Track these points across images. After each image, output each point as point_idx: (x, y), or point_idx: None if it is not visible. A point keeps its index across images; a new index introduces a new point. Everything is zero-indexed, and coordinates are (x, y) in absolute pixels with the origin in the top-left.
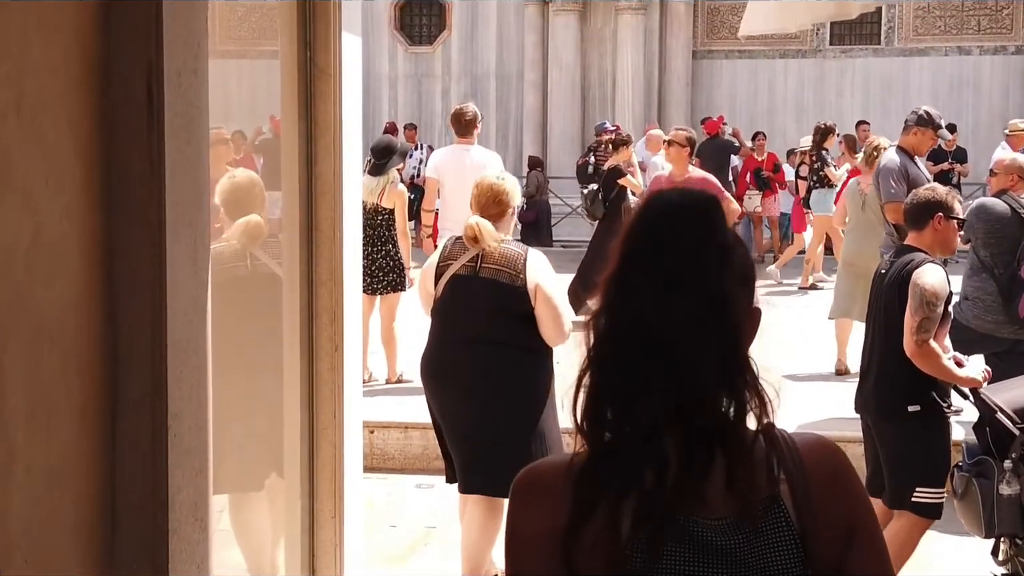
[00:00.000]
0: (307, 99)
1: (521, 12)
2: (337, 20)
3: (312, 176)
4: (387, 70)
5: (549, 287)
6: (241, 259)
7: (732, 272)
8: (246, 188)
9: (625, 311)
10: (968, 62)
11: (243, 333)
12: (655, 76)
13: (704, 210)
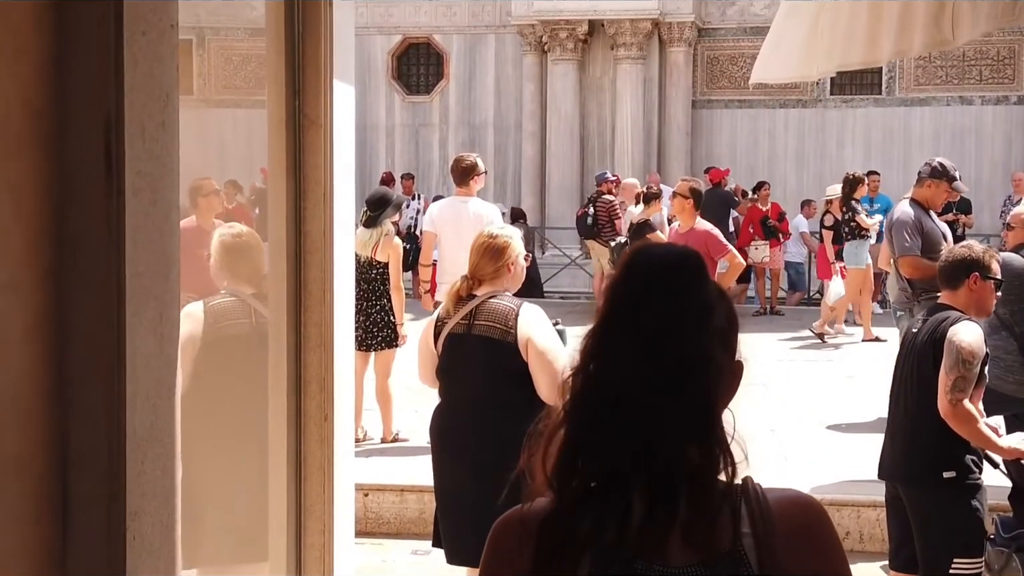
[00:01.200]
0: (296, 151)
1: (519, 62)
2: (328, 68)
3: (301, 234)
4: (384, 120)
5: (542, 341)
6: (245, 315)
7: (711, 331)
8: (248, 241)
9: (600, 369)
10: (970, 112)
11: (228, 400)
12: (654, 125)
13: (685, 268)
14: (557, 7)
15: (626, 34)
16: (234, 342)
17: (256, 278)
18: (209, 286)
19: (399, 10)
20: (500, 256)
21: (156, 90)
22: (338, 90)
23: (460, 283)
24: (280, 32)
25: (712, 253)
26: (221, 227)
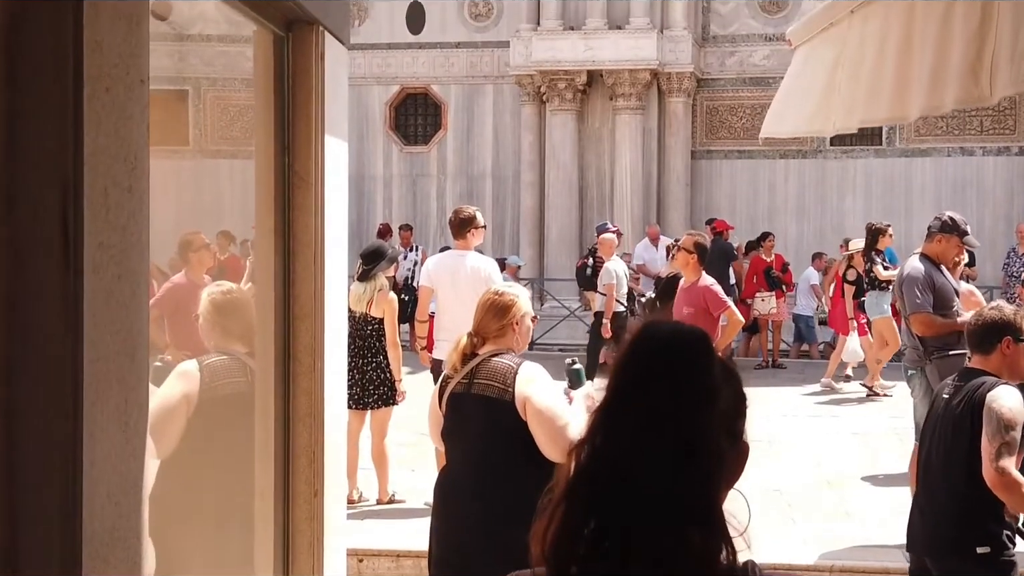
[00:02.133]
0: (285, 211)
1: (518, 112)
2: (320, 122)
3: (290, 297)
4: (382, 170)
5: (541, 400)
6: (242, 373)
7: (715, 414)
8: (238, 298)
9: (604, 446)
10: (971, 163)
11: (219, 467)
12: (653, 176)
13: (691, 349)
14: (556, 57)
15: (625, 84)
16: (233, 401)
17: (248, 336)
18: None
19: (396, 60)
20: (505, 314)
21: (122, 152)
22: (330, 146)
23: (465, 341)
24: (268, 84)
25: (712, 309)
26: (210, 286)
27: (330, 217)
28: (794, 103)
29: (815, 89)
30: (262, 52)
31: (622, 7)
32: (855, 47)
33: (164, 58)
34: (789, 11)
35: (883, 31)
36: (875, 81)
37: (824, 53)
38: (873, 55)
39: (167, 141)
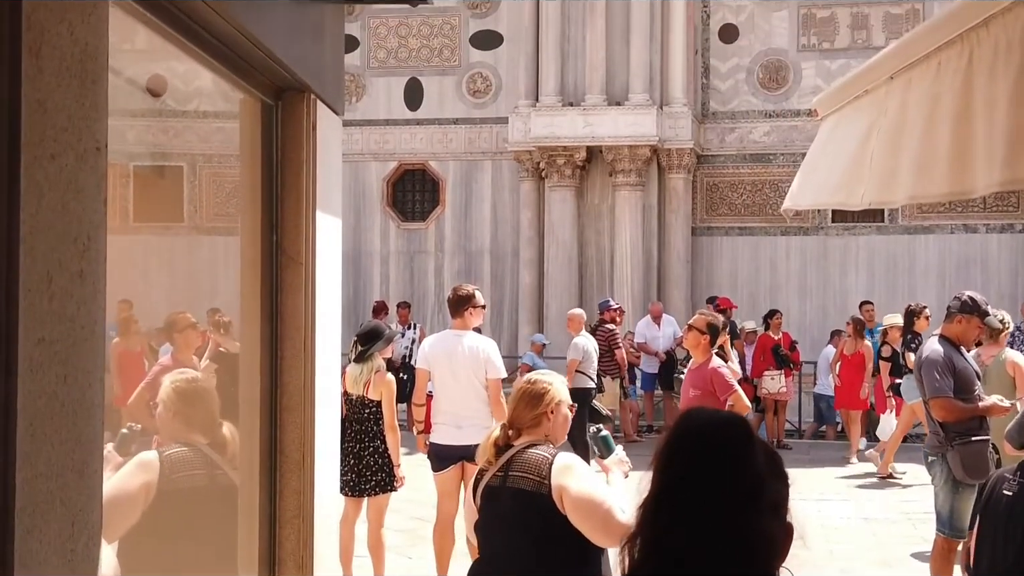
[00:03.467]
0: (273, 292)
1: (516, 188)
2: (311, 196)
3: (277, 387)
4: (379, 247)
5: (579, 489)
6: (203, 466)
7: (764, 507)
8: (203, 386)
9: (656, 546)
10: (975, 240)
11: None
12: (654, 252)
13: (733, 444)
14: (555, 133)
15: (625, 160)
16: (192, 496)
17: (210, 427)
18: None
19: (394, 136)
20: (538, 403)
21: (71, 230)
22: (322, 222)
23: (498, 432)
24: (255, 156)
25: (718, 392)
26: (173, 372)
27: (322, 298)
28: (819, 175)
29: (843, 160)
30: (249, 122)
31: (621, 83)
32: (895, 115)
33: (159, 134)
34: (789, 88)
35: (933, 96)
36: (926, 152)
37: (856, 122)
38: (922, 123)
39: (161, 218)
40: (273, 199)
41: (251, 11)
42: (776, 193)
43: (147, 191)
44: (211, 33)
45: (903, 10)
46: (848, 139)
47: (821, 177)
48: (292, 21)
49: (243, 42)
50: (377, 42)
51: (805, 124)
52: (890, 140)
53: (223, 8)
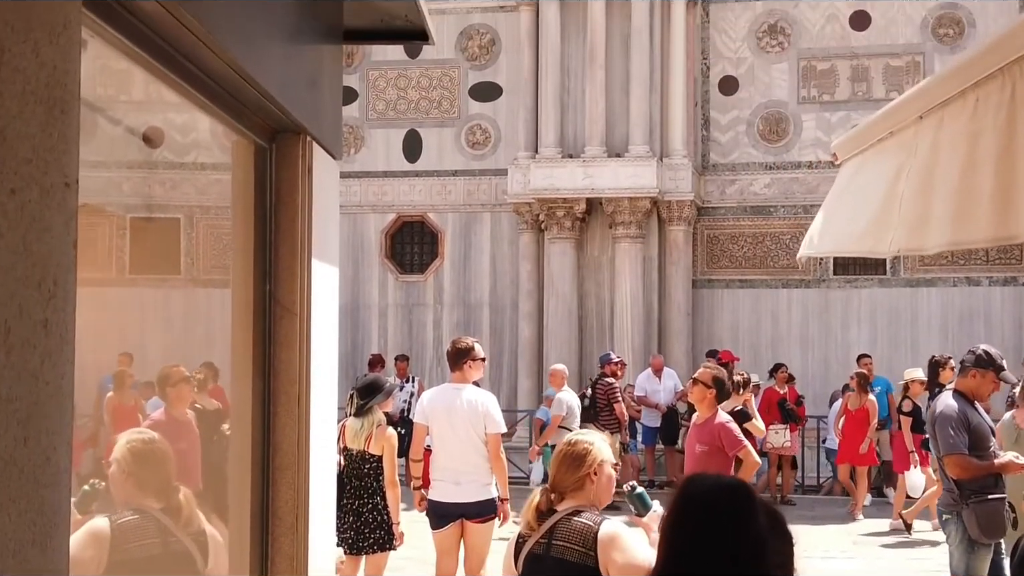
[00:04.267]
0: (265, 345)
1: (516, 240)
2: (306, 243)
3: (269, 446)
4: (377, 299)
5: (625, 561)
6: (157, 534)
7: (768, 562)
8: (160, 448)
9: None
10: (978, 293)
11: None
12: (654, 305)
13: (736, 510)
14: (554, 185)
15: (625, 212)
16: (145, 567)
17: (165, 492)
18: (185, 480)
19: (393, 188)
20: (580, 465)
21: (35, 274)
22: (318, 271)
23: (540, 496)
24: (248, 202)
25: (727, 448)
26: (130, 431)
27: (318, 351)
28: (839, 220)
29: (868, 205)
30: (241, 165)
31: (621, 135)
32: (926, 155)
33: (156, 186)
34: (789, 140)
35: (972, 134)
36: (965, 195)
37: (881, 165)
38: (959, 163)
39: (158, 270)
40: (267, 246)
41: (245, 48)
42: (777, 245)
43: (155, 244)
44: (202, 69)
45: (903, 62)
46: (873, 183)
47: (843, 223)
48: (288, 60)
49: (236, 80)
50: (376, 94)
51: (806, 176)
52: (921, 182)
53: (215, 43)
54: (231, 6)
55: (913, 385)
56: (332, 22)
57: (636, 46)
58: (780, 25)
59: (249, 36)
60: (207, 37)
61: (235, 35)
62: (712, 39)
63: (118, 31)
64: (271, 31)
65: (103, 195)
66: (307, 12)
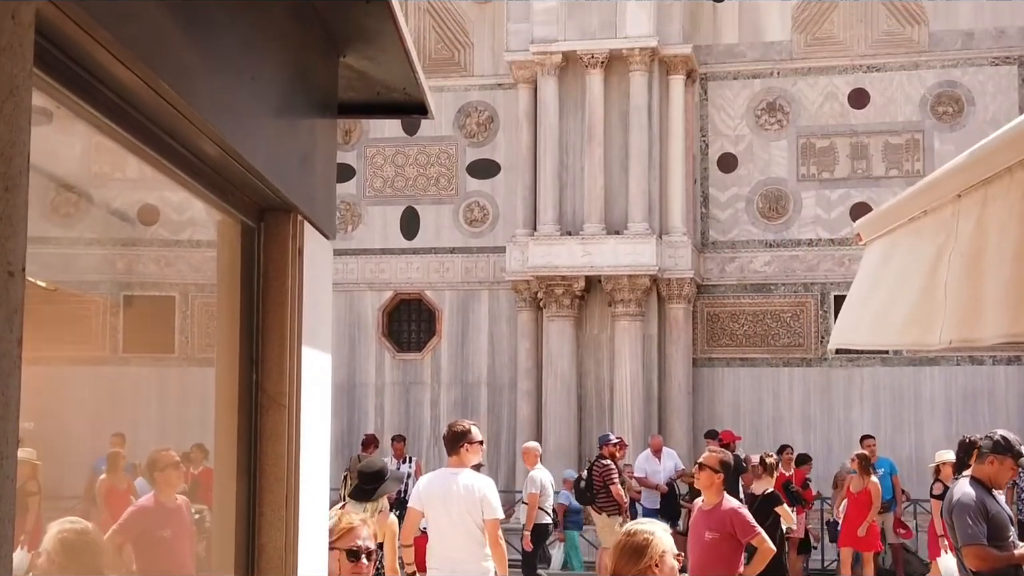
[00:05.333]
0: (251, 439)
1: (514, 318)
2: (296, 329)
3: (254, 550)
4: (374, 378)
5: None
6: None
7: None
8: (93, 540)
9: None
10: (981, 372)
11: None
12: (654, 384)
13: None
14: (553, 263)
15: (624, 290)
16: None
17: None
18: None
19: (390, 266)
20: (641, 556)
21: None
22: (309, 358)
23: None
24: (234, 284)
25: (740, 535)
26: (62, 520)
27: (308, 446)
28: (875, 308)
29: (908, 292)
30: (227, 246)
31: (620, 212)
32: (970, 237)
33: (150, 264)
34: (789, 217)
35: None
36: (1019, 281)
37: (917, 248)
38: (1011, 246)
39: (152, 349)
40: (253, 332)
41: (229, 121)
42: (778, 323)
43: (149, 323)
44: (182, 143)
45: (903, 140)
46: (910, 268)
47: (880, 312)
48: (277, 134)
49: (220, 155)
50: (374, 171)
51: (806, 254)
52: (968, 267)
53: (197, 117)
54: (214, 76)
55: (944, 467)
56: (326, 95)
57: (635, 123)
58: (779, 103)
59: (234, 109)
60: (189, 111)
61: (218, 107)
62: (711, 116)
63: (85, 100)
64: (258, 104)
65: (80, 274)
66: (298, 84)
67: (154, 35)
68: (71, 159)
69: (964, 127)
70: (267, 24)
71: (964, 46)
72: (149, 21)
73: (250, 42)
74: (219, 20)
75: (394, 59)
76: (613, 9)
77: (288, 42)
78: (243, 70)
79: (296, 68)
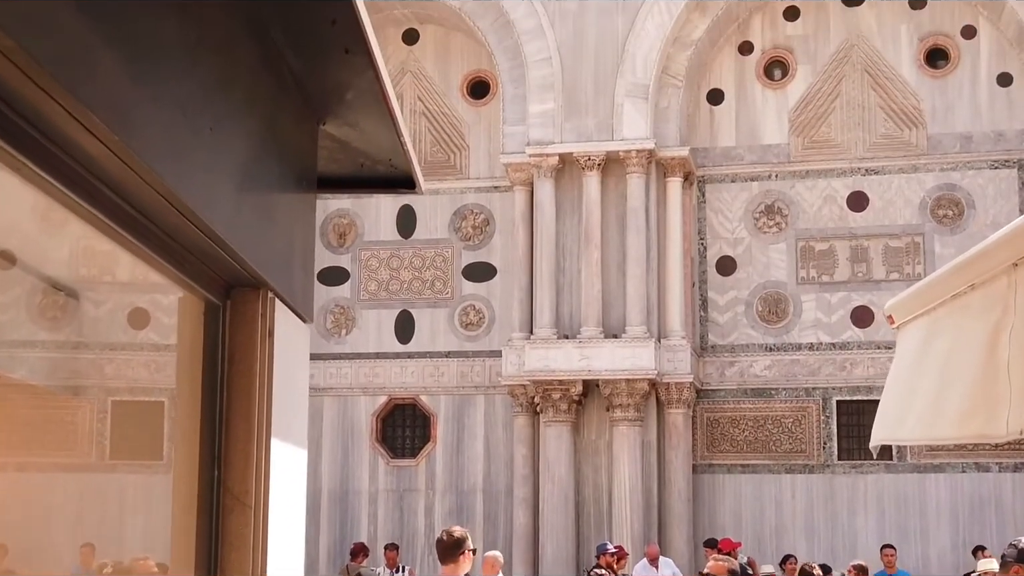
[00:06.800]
0: (211, 543)
1: (510, 423)
2: (264, 419)
3: None
4: (367, 485)
5: None
6: None
7: None
8: None
9: None
10: (987, 480)
11: None
12: (654, 491)
13: None
14: (550, 367)
15: (622, 395)
16: None
17: None
18: None
19: (384, 370)
20: None
21: None
22: (279, 456)
23: None
24: (194, 369)
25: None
26: None
27: (277, 552)
28: (923, 398)
29: (961, 376)
30: (189, 326)
31: (618, 315)
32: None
33: (140, 369)
34: (789, 321)
35: None
36: None
37: (966, 326)
38: None
39: (141, 455)
40: (216, 424)
41: (181, 173)
42: (779, 429)
43: (137, 428)
44: (138, 209)
45: (903, 243)
46: (962, 349)
47: (929, 402)
48: (246, 203)
49: (182, 223)
50: (368, 274)
51: (807, 358)
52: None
53: (156, 180)
54: (173, 137)
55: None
56: (303, 165)
57: (632, 226)
58: (777, 205)
59: (185, 158)
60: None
61: (165, 154)
62: (709, 219)
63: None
64: (218, 160)
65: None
66: (270, 147)
67: (75, 51)
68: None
69: (964, 230)
70: (231, 72)
71: (963, 149)
72: (65, 32)
73: (207, 87)
74: (168, 58)
75: (378, 124)
76: (610, 111)
77: (256, 93)
78: (199, 118)
79: (267, 127)
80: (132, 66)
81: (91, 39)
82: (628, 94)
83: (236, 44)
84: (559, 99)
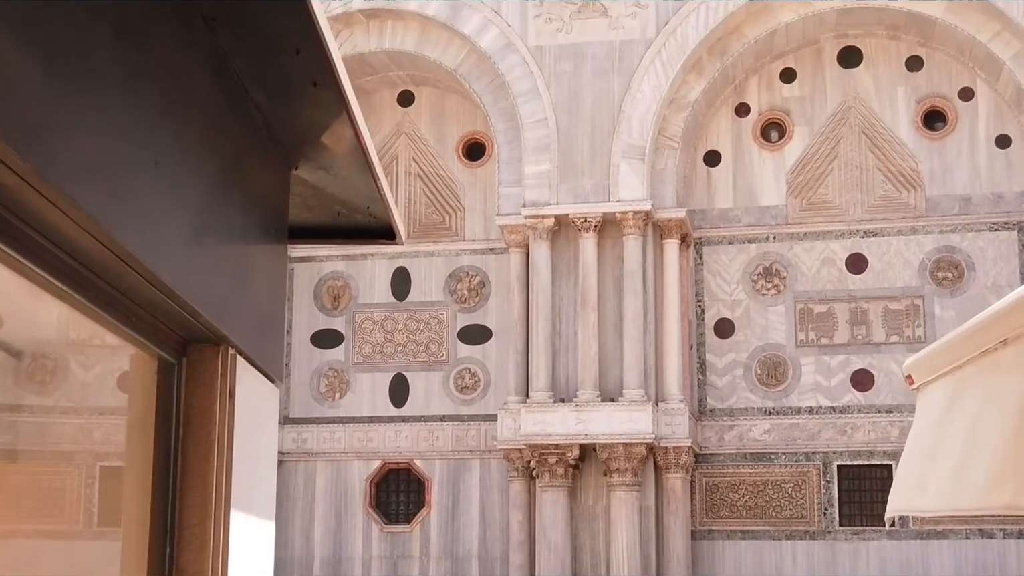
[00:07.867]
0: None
1: (505, 488)
2: (222, 492)
3: None
4: (360, 551)
5: None
6: None
7: None
8: None
9: None
10: (991, 546)
11: None
12: (652, 558)
13: None
14: (546, 431)
15: (620, 459)
16: None
17: None
18: None
19: (378, 434)
20: None
21: None
22: (239, 531)
23: None
24: (146, 433)
25: None
26: None
27: None
28: (948, 465)
29: (989, 442)
30: (140, 385)
31: (615, 379)
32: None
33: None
34: (788, 384)
35: None
36: None
37: (995, 386)
38: None
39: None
40: (169, 493)
41: (134, 230)
42: (779, 494)
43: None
44: (81, 261)
45: (903, 306)
46: (992, 412)
47: (955, 469)
48: (199, 245)
49: (129, 274)
50: (362, 337)
51: (807, 422)
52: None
53: (85, 219)
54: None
55: None
56: (272, 211)
57: (629, 288)
58: (775, 268)
59: (125, 196)
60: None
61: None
62: (706, 281)
63: None
64: (167, 201)
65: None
66: (233, 190)
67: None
68: None
69: (964, 292)
70: (181, 104)
71: (962, 211)
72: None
73: (151, 117)
74: (103, 82)
75: (353, 167)
76: (606, 173)
77: (215, 130)
78: (141, 150)
79: (229, 168)
80: (53, 86)
81: (2, 48)
82: (624, 155)
83: (188, 73)
84: (555, 160)
